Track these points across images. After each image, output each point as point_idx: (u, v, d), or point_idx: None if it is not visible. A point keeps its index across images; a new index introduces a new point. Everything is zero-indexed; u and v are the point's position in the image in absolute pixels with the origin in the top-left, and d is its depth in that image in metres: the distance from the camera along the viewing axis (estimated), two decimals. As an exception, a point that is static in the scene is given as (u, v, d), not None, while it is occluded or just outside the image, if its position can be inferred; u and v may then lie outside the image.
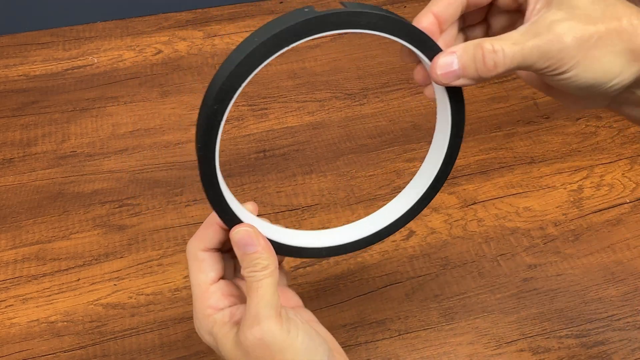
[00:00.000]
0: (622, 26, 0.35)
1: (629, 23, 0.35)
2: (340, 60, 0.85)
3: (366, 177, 0.71)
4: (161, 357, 0.56)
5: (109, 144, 0.74)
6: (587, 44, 0.34)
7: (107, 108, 0.78)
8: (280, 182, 0.70)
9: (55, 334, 0.58)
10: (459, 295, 0.61)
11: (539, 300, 0.61)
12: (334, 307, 0.60)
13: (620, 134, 0.76)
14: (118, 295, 0.60)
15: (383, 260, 0.64)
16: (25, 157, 0.72)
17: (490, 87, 0.82)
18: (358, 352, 0.57)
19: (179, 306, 0.60)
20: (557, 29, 0.34)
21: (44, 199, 0.68)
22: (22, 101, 0.78)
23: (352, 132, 0.76)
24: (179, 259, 0.63)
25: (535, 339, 0.58)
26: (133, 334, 0.58)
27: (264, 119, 0.77)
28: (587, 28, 0.34)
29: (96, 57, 0.84)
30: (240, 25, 0.90)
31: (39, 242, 0.64)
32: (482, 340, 0.58)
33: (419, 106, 0.79)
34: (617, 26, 0.35)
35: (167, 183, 0.70)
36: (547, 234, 0.66)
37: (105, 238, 0.65)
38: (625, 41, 0.35)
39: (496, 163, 0.73)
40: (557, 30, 0.34)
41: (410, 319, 0.59)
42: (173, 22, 0.90)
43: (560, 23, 0.34)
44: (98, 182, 0.70)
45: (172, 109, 0.78)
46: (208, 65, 0.84)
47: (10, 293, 0.60)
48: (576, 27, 0.34)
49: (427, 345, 0.58)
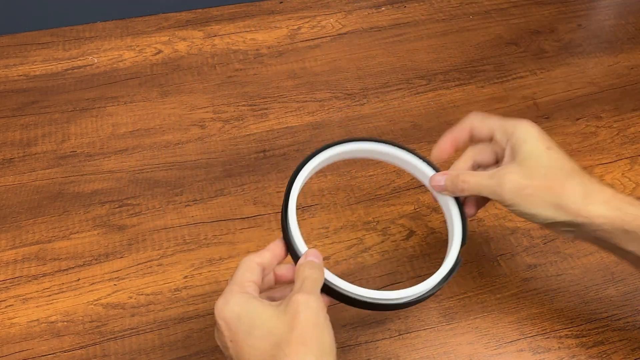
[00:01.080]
0: (554, 185, 0.48)
1: (561, 185, 0.48)
2: (340, 60, 0.85)
3: (366, 177, 0.71)
4: (161, 357, 0.56)
5: (109, 144, 0.74)
6: (522, 192, 0.48)
7: (107, 108, 0.78)
8: (280, 182, 0.70)
9: (55, 334, 0.58)
10: (459, 295, 0.61)
11: (539, 300, 0.61)
12: (334, 307, 0.60)
13: (620, 134, 0.77)
14: (118, 295, 0.60)
15: (383, 260, 0.64)
16: (25, 157, 0.72)
17: (490, 87, 0.82)
18: (358, 352, 0.57)
19: (179, 306, 0.60)
20: (504, 178, 0.49)
21: (44, 199, 0.68)
22: (22, 101, 0.78)
23: (352, 132, 0.76)
24: (179, 259, 0.63)
25: (535, 338, 0.58)
26: (133, 334, 0.58)
27: (264, 119, 0.77)
28: (525, 182, 0.48)
29: (96, 57, 0.84)
30: (240, 25, 0.90)
31: (39, 242, 0.64)
32: (482, 340, 0.58)
33: (419, 106, 0.79)
34: (550, 185, 0.48)
35: (167, 183, 0.70)
36: (547, 234, 0.66)
37: (105, 238, 0.65)
38: (554, 196, 0.48)
39: (496, 163, 0.73)
40: (503, 179, 0.49)
41: (410, 319, 0.59)
42: (173, 22, 0.90)
43: (508, 175, 0.49)
44: (98, 182, 0.70)
45: (172, 109, 0.78)
46: (208, 65, 0.84)
47: (11, 293, 0.60)
48: (517, 180, 0.49)
49: (427, 345, 0.58)
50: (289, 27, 0.90)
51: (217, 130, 0.75)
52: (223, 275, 0.62)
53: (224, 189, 0.69)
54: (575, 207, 0.48)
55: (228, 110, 0.78)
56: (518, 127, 0.51)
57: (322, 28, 0.90)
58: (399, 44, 0.88)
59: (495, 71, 0.84)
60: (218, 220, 0.66)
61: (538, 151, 0.49)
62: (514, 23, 0.92)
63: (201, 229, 0.66)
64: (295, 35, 0.88)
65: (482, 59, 0.86)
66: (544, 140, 0.50)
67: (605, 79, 0.84)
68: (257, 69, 0.83)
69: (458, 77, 0.83)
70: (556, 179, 0.48)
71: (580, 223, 0.48)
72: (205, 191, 0.69)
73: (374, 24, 0.91)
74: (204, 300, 0.60)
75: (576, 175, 0.49)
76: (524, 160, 0.49)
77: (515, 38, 0.89)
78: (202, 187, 0.69)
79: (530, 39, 0.89)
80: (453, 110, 0.79)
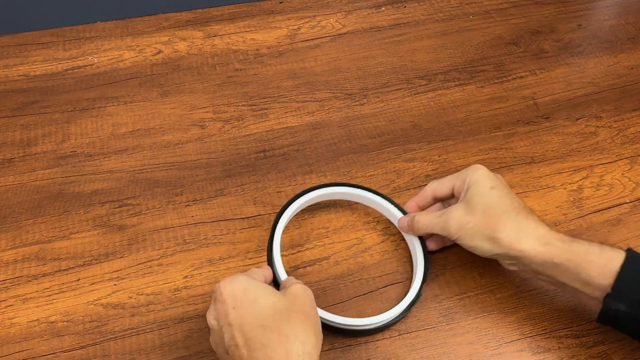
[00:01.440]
0: (491, 221, 0.54)
1: (497, 220, 0.54)
2: (340, 60, 0.85)
3: (366, 177, 0.71)
4: (161, 357, 0.56)
5: (109, 144, 0.74)
6: (464, 227, 0.55)
7: (107, 108, 0.78)
8: (280, 182, 0.70)
9: (55, 334, 0.58)
10: (459, 295, 0.61)
11: (539, 300, 0.61)
12: (334, 307, 0.60)
13: (620, 134, 0.77)
14: (118, 295, 0.60)
15: (383, 260, 0.64)
16: (25, 157, 0.72)
17: (490, 87, 0.82)
18: (358, 352, 0.57)
19: (179, 306, 0.60)
20: (450, 215, 0.56)
21: (44, 199, 0.68)
22: (22, 101, 0.78)
23: (352, 132, 0.76)
24: (179, 259, 0.63)
25: (535, 339, 0.58)
26: (133, 334, 0.58)
27: (264, 119, 0.77)
28: (467, 218, 0.55)
29: (96, 57, 0.84)
30: (240, 25, 0.90)
31: (39, 242, 0.64)
32: (482, 340, 0.58)
33: (419, 106, 0.79)
34: (487, 220, 0.54)
35: (167, 183, 0.70)
36: (547, 234, 0.66)
37: (105, 238, 0.65)
38: (490, 230, 0.54)
39: (496, 163, 0.73)
40: (449, 216, 0.56)
41: (410, 319, 0.59)
42: (173, 22, 0.90)
43: (454, 212, 0.56)
44: (98, 182, 0.70)
45: (172, 109, 0.78)
46: (208, 65, 0.84)
47: (11, 293, 0.60)
48: (461, 216, 0.56)
49: (427, 345, 0.58)
50: (289, 27, 0.90)
51: (217, 130, 0.75)
52: (223, 275, 0.62)
53: (224, 189, 0.69)
54: (508, 241, 0.54)
55: (228, 110, 0.78)
56: (470, 173, 0.58)
57: (322, 28, 0.90)
58: (399, 44, 0.88)
59: (495, 71, 0.84)
60: (218, 220, 0.66)
61: (482, 191, 0.56)
62: (514, 23, 0.92)
63: (201, 229, 0.66)
64: (295, 35, 0.88)
65: (482, 59, 0.86)
66: (490, 180, 0.57)
67: (605, 79, 0.84)
68: (257, 69, 0.83)
69: (458, 77, 0.83)
70: (493, 215, 0.54)
71: (515, 256, 0.54)
72: (205, 191, 0.69)
73: (374, 24, 0.91)
74: (204, 300, 0.60)
75: (512, 212, 0.54)
76: (469, 199, 0.56)
77: (515, 38, 0.89)
78: (202, 187, 0.69)
79: (530, 39, 0.89)
80: (453, 111, 0.79)
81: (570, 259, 0.52)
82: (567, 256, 0.52)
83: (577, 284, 0.52)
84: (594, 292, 0.51)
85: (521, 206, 0.56)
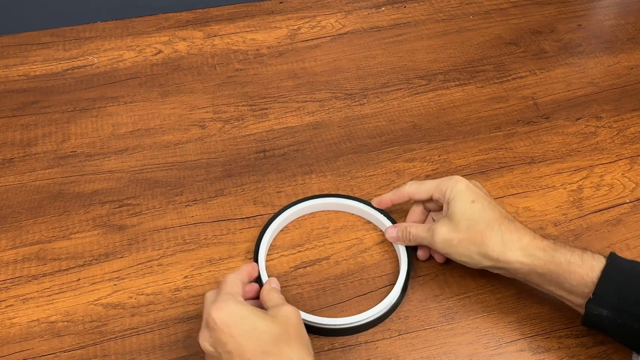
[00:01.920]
0: (475, 236, 0.55)
1: (481, 235, 0.55)
2: (340, 60, 0.85)
3: (366, 177, 0.71)
4: (161, 357, 0.56)
5: (109, 144, 0.74)
6: (449, 243, 0.57)
7: (107, 108, 0.78)
8: (280, 182, 0.70)
9: (55, 334, 0.58)
10: (459, 295, 0.61)
11: (539, 300, 0.61)
12: (334, 307, 0.60)
13: (620, 134, 0.77)
14: (118, 295, 0.60)
15: (383, 260, 0.64)
16: (26, 157, 0.72)
17: (490, 87, 0.82)
18: (358, 352, 0.57)
19: (179, 306, 0.60)
20: (435, 231, 0.58)
21: (44, 199, 0.68)
22: (22, 101, 0.79)
23: (352, 132, 0.76)
24: (179, 259, 0.63)
25: (535, 339, 0.58)
26: (133, 334, 0.58)
27: (264, 119, 0.77)
28: (451, 235, 0.57)
29: (96, 57, 0.84)
30: (240, 25, 0.90)
31: (39, 242, 0.64)
32: (482, 340, 0.58)
33: (419, 106, 0.79)
34: (472, 236, 0.56)
35: (167, 183, 0.70)
36: (547, 234, 0.66)
37: (105, 238, 0.65)
38: (476, 246, 0.56)
39: (496, 163, 0.73)
40: (435, 233, 0.58)
41: (410, 319, 0.59)
42: (173, 22, 0.90)
43: (438, 228, 0.58)
44: (98, 182, 0.70)
45: (172, 109, 0.78)
46: (208, 65, 0.84)
47: (11, 293, 0.61)
48: (445, 233, 0.57)
49: (427, 345, 0.58)
50: (289, 27, 0.90)
51: (217, 130, 0.75)
52: (223, 275, 0.62)
53: (224, 189, 0.69)
54: (495, 254, 0.55)
55: (228, 110, 0.78)
56: (450, 186, 0.59)
57: (322, 28, 0.90)
58: (399, 44, 0.88)
59: (495, 71, 0.84)
60: (218, 220, 0.67)
61: (463, 205, 0.57)
62: (514, 23, 0.92)
63: (201, 229, 0.66)
64: (295, 35, 0.88)
65: (482, 59, 0.86)
66: (470, 193, 0.58)
67: (605, 79, 0.84)
68: (257, 69, 0.84)
69: (458, 77, 0.83)
70: (477, 230, 0.56)
71: (502, 267, 0.56)
72: (205, 191, 0.69)
73: (374, 24, 0.91)
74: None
75: (495, 224, 0.55)
76: (452, 215, 0.57)
77: (515, 38, 0.89)
78: (202, 187, 0.69)
79: (530, 39, 0.89)
80: (453, 111, 0.79)
81: (552, 269, 0.53)
82: (550, 267, 0.54)
83: (561, 292, 0.54)
84: (577, 300, 0.53)
85: (503, 215, 0.57)
